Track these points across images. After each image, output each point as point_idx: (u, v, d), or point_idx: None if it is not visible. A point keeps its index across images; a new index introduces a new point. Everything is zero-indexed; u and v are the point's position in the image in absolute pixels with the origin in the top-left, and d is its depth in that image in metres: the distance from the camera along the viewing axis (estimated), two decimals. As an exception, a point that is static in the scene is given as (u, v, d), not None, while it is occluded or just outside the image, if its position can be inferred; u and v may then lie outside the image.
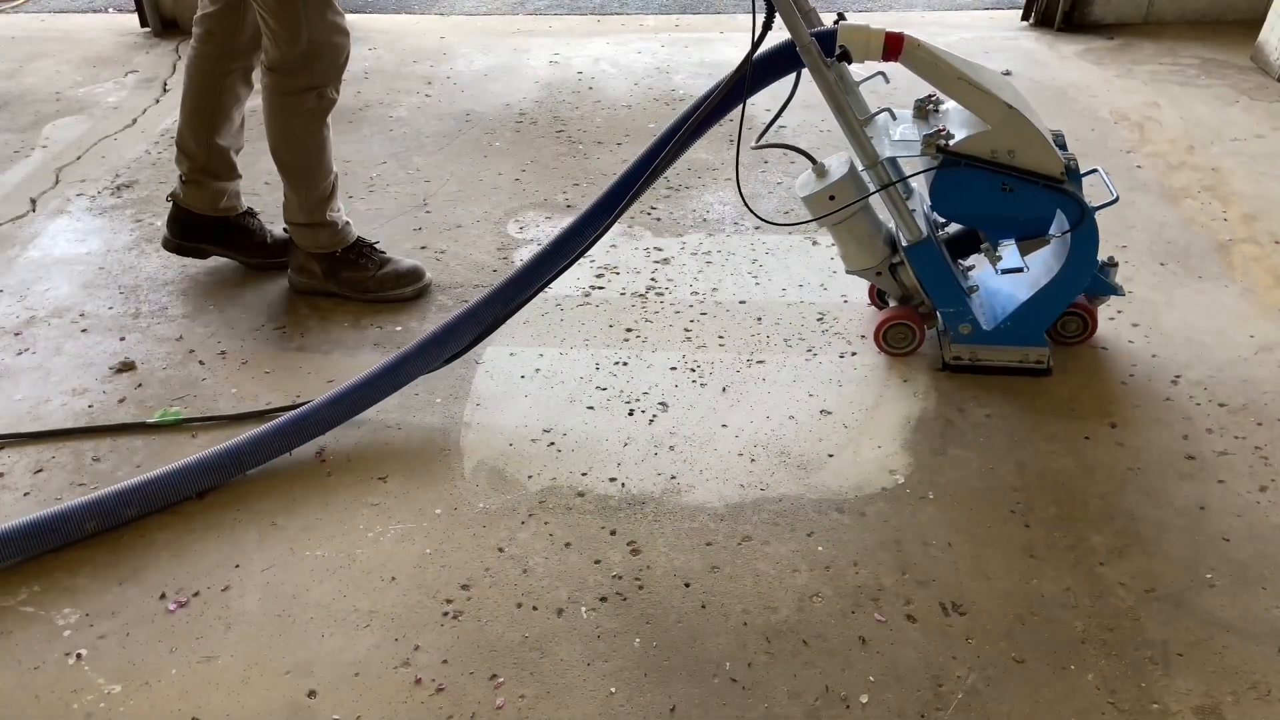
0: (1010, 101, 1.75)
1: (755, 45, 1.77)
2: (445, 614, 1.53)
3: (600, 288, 2.31)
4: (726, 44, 3.73)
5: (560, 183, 2.77)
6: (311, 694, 1.42)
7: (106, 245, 2.52)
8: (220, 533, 1.68)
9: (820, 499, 1.71)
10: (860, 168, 1.89)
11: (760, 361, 2.05)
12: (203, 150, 2.25)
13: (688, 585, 1.56)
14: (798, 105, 3.21)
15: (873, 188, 1.87)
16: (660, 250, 2.44)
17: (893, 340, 2.05)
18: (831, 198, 1.89)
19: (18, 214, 2.67)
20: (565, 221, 2.59)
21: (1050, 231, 1.88)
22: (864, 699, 1.39)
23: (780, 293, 2.26)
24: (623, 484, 1.76)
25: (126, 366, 2.08)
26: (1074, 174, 1.84)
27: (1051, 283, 1.92)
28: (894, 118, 1.91)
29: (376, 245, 2.32)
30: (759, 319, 2.18)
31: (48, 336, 2.18)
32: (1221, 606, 1.50)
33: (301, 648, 1.48)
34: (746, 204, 1.99)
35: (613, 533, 1.66)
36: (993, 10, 4.10)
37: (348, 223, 2.27)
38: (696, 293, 2.28)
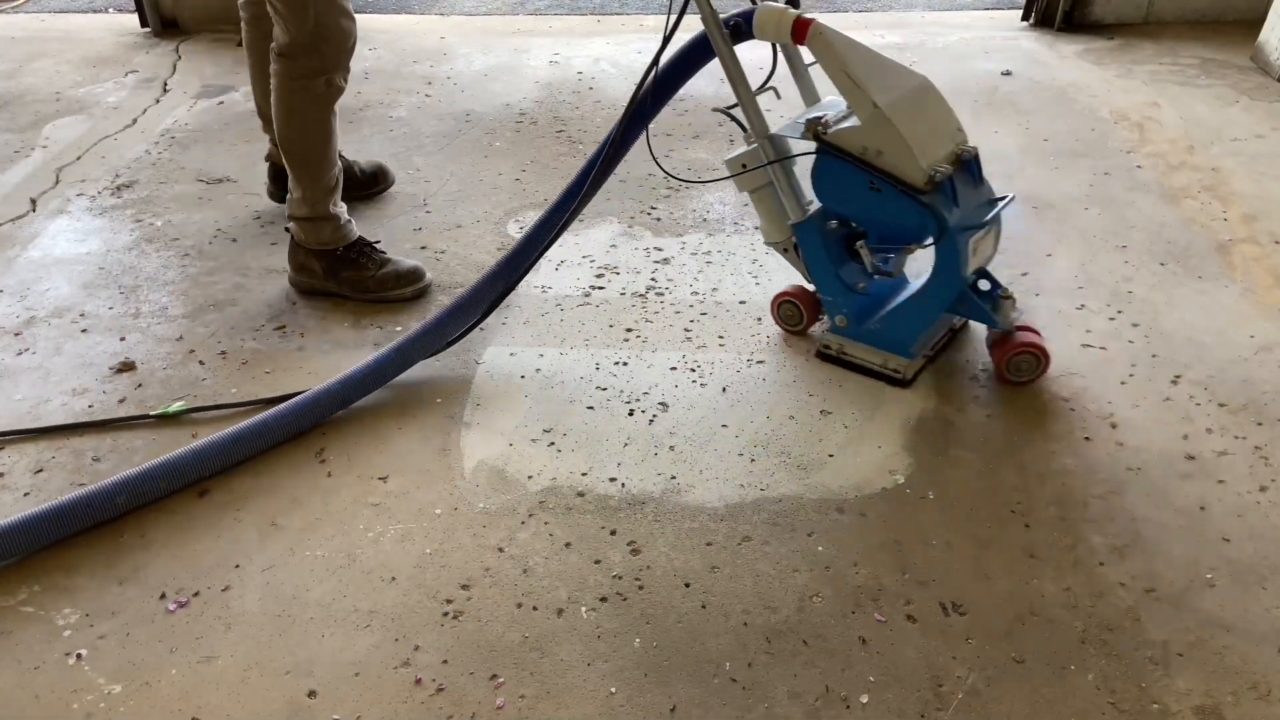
0: (888, 104, 1.76)
1: (674, 26, 1.86)
2: (445, 614, 1.53)
3: (600, 288, 2.31)
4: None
5: (560, 183, 2.75)
6: (311, 694, 1.42)
7: (106, 245, 2.52)
8: (220, 533, 1.68)
9: (820, 499, 1.71)
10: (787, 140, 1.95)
11: (760, 361, 2.05)
12: None
13: (688, 585, 1.56)
14: (798, 106, 3.21)
15: (766, 165, 1.92)
16: (660, 250, 2.44)
17: (784, 316, 2.13)
18: (744, 166, 1.94)
19: (18, 214, 2.67)
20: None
21: (925, 241, 1.86)
22: (864, 699, 1.39)
23: (780, 293, 2.26)
24: (623, 484, 1.76)
25: (126, 366, 2.08)
26: (946, 189, 1.81)
27: (915, 295, 1.93)
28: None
29: (377, 245, 2.33)
30: (759, 319, 2.18)
31: (48, 336, 2.18)
32: (1221, 606, 1.50)
33: (301, 648, 1.48)
34: (657, 162, 2.13)
35: (613, 533, 1.66)
36: (993, 10, 4.10)
37: (349, 220, 2.29)
38: (696, 293, 2.28)
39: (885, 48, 3.65)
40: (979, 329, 2.10)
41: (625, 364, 2.06)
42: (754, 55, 1.89)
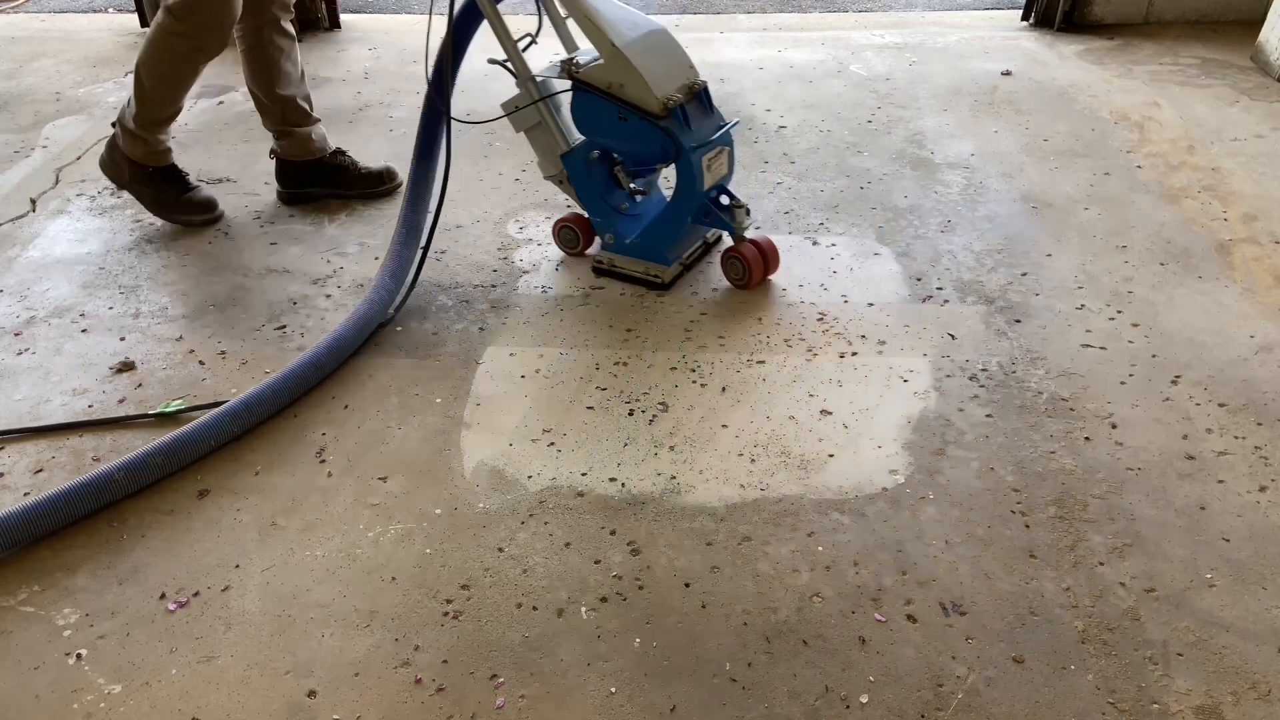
0: (625, 45, 2.07)
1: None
2: (445, 614, 1.53)
3: (600, 288, 2.31)
4: (727, 44, 3.74)
5: (560, 183, 2.76)
6: (311, 694, 1.42)
7: (106, 245, 2.52)
8: (220, 533, 1.68)
9: (820, 499, 1.71)
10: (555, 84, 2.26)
11: (760, 361, 2.05)
12: (275, 105, 2.56)
13: (688, 585, 1.56)
14: (798, 106, 3.21)
15: (540, 104, 2.23)
16: (660, 250, 2.44)
17: (563, 240, 2.42)
18: (517, 107, 2.25)
19: (18, 214, 2.67)
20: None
21: (669, 162, 2.18)
22: (864, 699, 1.39)
23: (780, 293, 2.26)
24: (623, 484, 1.76)
25: (126, 366, 2.08)
26: (679, 115, 2.11)
27: (665, 210, 2.26)
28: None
29: (188, 176, 2.58)
30: (759, 319, 2.18)
31: (48, 336, 2.18)
32: (1221, 606, 1.50)
33: (301, 648, 1.48)
34: (444, 112, 2.32)
35: (613, 533, 1.66)
36: (993, 10, 4.10)
37: (169, 149, 2.52)
38: (697, 293, 2.28)
39: (885, 48, 3.66)
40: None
41: (625, 364, 2.06)
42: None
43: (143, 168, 2.50)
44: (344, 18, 4.12)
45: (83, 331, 2.20)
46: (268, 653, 1.48)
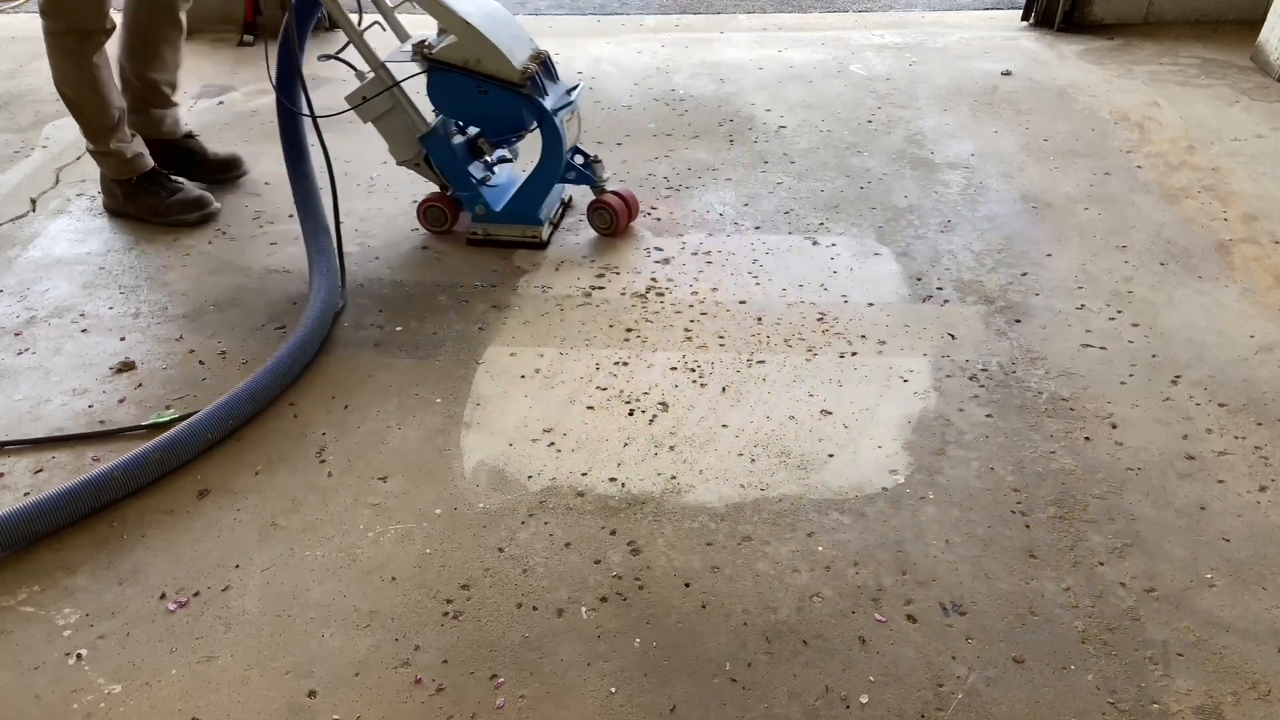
0: (477, 22, 2.18)
1: None
2: (445, 614, 1.53)
3: (600, 288, 2.31)
4: (727, 44, 3.74)
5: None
6: (311, 694, 1.42)
7: (106, 245, 2.52)
8: (220, 533, 1.68)
9: (820, 499, 1.71)
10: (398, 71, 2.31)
11: (760, 361, 2.05)
12: (139, 83, 2.58)
13: (688, 585, 1.56)
14: (798, 106, 3.21)
15: (389, 89, 2.28)
16: (660, 250, 2.44)
17: (431, 219, 2.51)
18: (365, 98, 2.30)
19: (18, 214, 2.67)
20: (565, 220, 2.59)
21: (530, 127, 2.34)
22: (864, 699, 1.39)
23: (780, 293, 2.26)
24: (623, 484, 1.76)
25: (126, 366, 2.08)
26: (535, 82, 2.26)
27: (533, 174, 2.39)
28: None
29: (171, 176, 2.60)
30: (759, 319, 2.18)
31: (48, 336, 2.18)
32: (1221, 606, 1.50)
33: (301, 648, 1.48)
34: (284, 100, 2.35)
35: (613, 533, 1.66)
36: (993, 10, 4.10)
37: (140, 153, 2.54)
38: (696, 293, 2.28)
39: (885, 48, 3.66)
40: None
41: (625, 364, 2.06)
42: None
43: (127, 182, 2.54)
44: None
45: (83, 331, 2.20)
46: (268, 653, 1.48)
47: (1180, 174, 2.71)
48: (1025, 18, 3.88)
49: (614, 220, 2.46)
